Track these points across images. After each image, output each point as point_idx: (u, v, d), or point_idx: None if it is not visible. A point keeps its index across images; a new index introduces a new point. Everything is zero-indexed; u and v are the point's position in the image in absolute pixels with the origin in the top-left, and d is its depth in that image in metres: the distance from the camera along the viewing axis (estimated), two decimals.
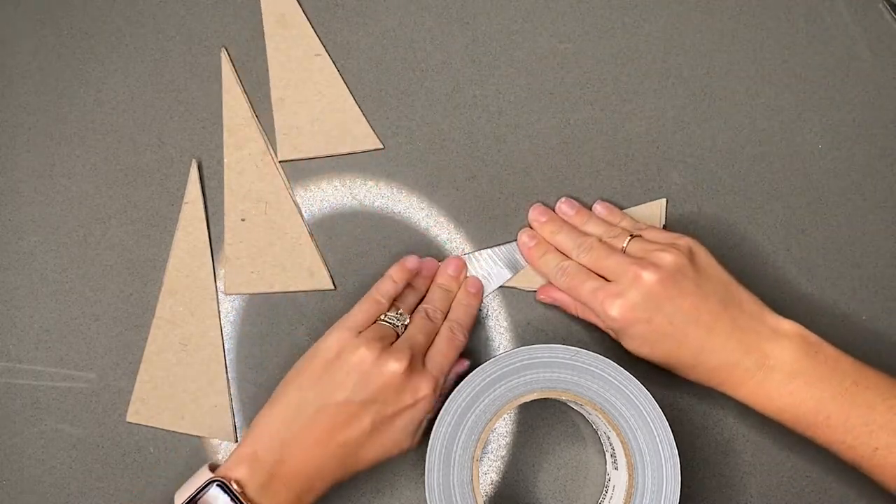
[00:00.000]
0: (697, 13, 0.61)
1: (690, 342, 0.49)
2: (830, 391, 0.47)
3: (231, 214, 0.58)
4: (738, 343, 0.49)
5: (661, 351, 0.50)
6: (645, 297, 0.49)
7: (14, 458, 0.55)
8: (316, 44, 0.60)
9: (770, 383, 0.48)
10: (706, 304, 0.49)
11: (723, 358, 0.49)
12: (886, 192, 0.58)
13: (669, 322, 0.49)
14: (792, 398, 0.48)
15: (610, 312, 0.50)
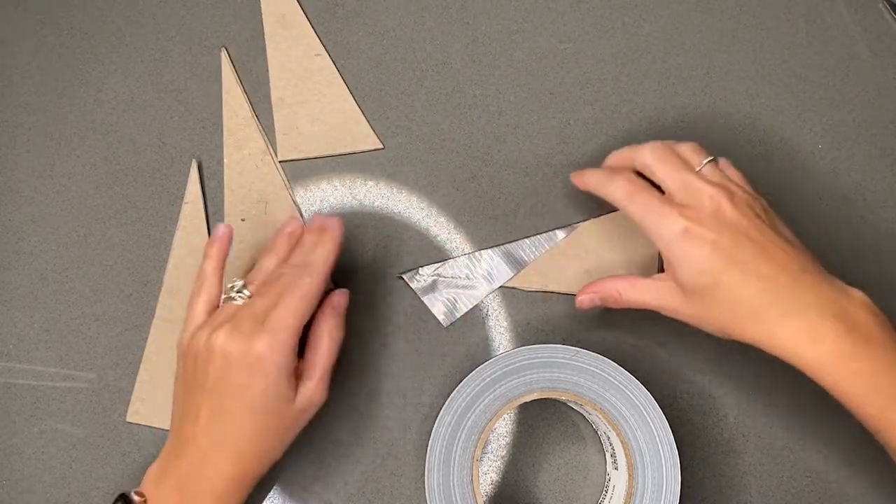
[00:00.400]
0: (697, 13, 0.61)
1: (755, 275, 0.45)
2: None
3: (231, 214, 0.58)
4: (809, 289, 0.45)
5: (726, 284, 0.45)
6: (716, 219, 0.46)
7: (14, 458, 0.55)
8: (316, 44, 0.60)
9: (845, 343, 0.44)
10: (778, 243, 0.46)
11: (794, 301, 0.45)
12: (886, 192, 0.58)
13: (735, 254, 0.45)
14: (867, 364, 0.44)
15: (674, 226, 0.46)
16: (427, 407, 0.55)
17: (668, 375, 0.55)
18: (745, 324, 0.46)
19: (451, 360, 0.56)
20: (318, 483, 0.54)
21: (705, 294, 0.46)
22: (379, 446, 0.55)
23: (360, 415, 0.55)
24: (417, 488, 0.54)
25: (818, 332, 0.44)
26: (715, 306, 0.47)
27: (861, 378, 0.44)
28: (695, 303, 0.47)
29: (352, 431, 0.55)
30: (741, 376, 0.55)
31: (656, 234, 0.47)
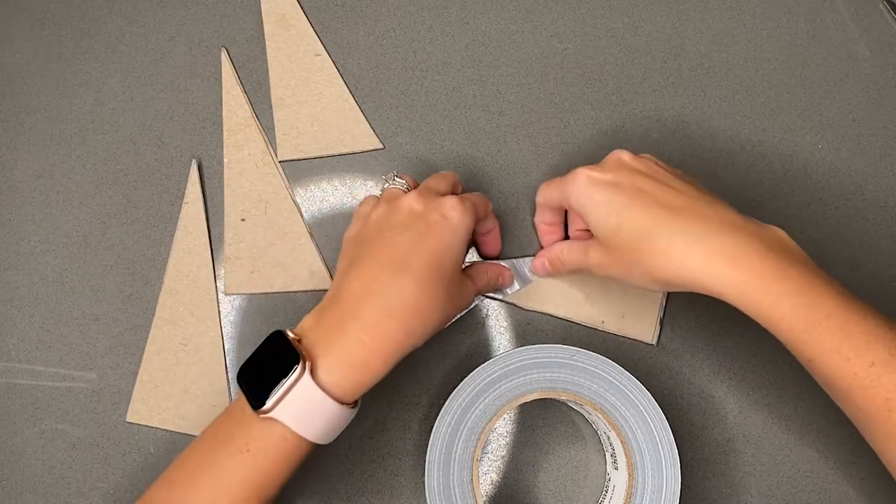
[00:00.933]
0: (697, 13, 0.61)
1: (658, 205, 0.45)
2: (830, 289, 0.42)
3: (231, 214, 0.58)
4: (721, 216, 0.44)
5: (629, 221, 0.45)
6: (617, 165, 0.48)
7: (14, 458, 0.55)
8: (316, 44, 0.60)
9: (766, 262, 0.42)
10: (685, 184, 0.46)
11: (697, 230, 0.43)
12: (886, 192, 0.58)
13: (638, 187, 0.46)
14: (791, 284, 0.42)
15: (575, 174, 0.48)
16: (427, 407, 0.55)
17: (668, 375, 0.55)
18: (658, 259, 0.44)
19: (451, 360, 0.56)
20: (318, 483, 0.54)
21: (617, 238, 0.46)
22: (379, 446, 0.55)
23: (359, 414, 0.55)
24: (417, 488, 0.54)
25: (734, 253, 0.42)
26: (628, 249, 0.45)
27: (787, 299, 0.42)
28: (612, 252, 0.47)
29: (352, 431, 0.55)
30: (741, 376, 0.55)
31: (570, 197, 0.48)
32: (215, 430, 0.46)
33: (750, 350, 0.56)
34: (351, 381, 0.44)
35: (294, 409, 0.43)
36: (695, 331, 0.56)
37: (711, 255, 0.43)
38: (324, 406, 0.43)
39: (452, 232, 0.47)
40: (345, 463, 0.55)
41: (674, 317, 0.56)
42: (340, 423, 0.46)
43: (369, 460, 0.55)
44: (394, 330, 0.45)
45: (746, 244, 0.43)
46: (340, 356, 0.44)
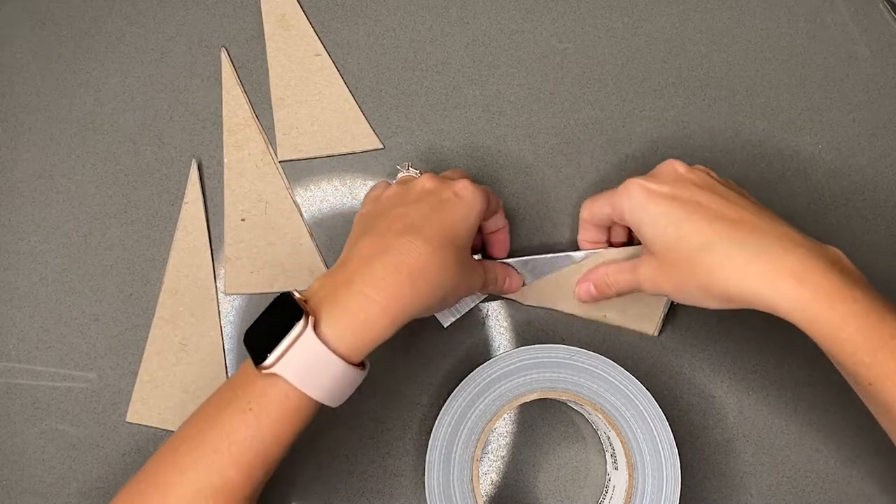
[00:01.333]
0: (697, 13, 0.61)
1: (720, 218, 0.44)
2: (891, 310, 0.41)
3: (231, 214, 0.58)
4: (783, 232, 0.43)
5: (688, 234, 0.44)
6: (673, 177, 0.47)
7: (14, 458, 0.55)
8: (316, 44, 0.60)
9: (832, 281, 0.41)
10: (744, 198, 0.46)
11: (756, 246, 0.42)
12: (886, 192, 0.58)
13: (696, 200, 0.45)
14: (856, 305, 0.40)
15: (628, 186, 0.46)
16: (427, 407, 0.55)
17: (668, 375, 0.55)
18: (718, 275, 0.43)
19: (451, 360, 0.56)
20: (318, 483, 0.54)
21: (674, 252, 0.45)
22: (379, 446, 0.55)
23: (359, 415, 0.55)
24: (417, 488, 0.54)
25: (800, 270, 0.41)
26: (686, 263, 0.44)
27: (853, 320, 0.40)
28: (667, 267, 0.45)
29: (352, 431, 0.55)
30: (741, 376, 0.55)
31: (624, 210, 0.47)
32: (219, 394, 0.45)
33: (750, 350, 0.56)
34: (356, 338, 0.43)
35: (296, 364, 0.42)
36: (695, 331, 0.56)
37: (776, 272, 0.41)
38: (328, 362, 0.42)
39: (465, 208, 0.47)
40: (345, 463, 0.55)
41: (674, 317, 0.56)
42: (347, 384, 0.44)
43: (369, 460, 0.55)
44: (401, 286, 0.43)
45: (812, 262, 0.41)
46: (345, 311, 0.43)
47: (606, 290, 0.52)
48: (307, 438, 0.54)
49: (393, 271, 0.43)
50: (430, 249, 0.44)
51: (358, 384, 0.45)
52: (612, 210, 0.49)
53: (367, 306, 0.43)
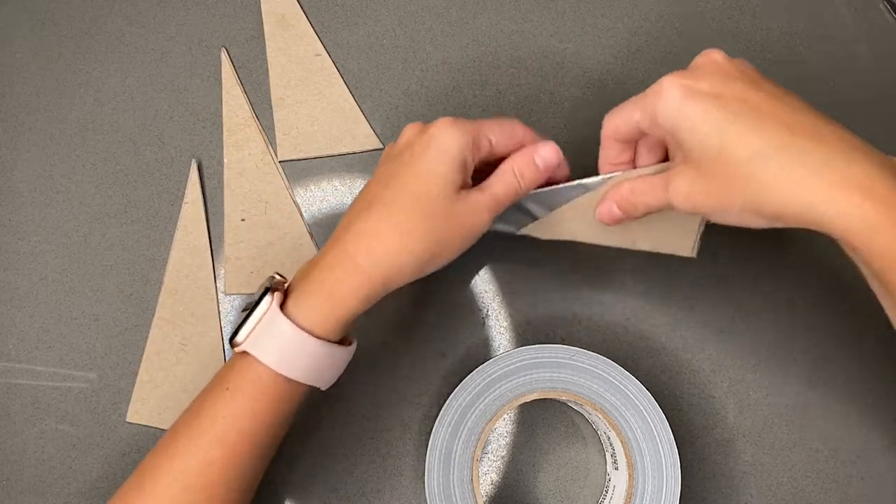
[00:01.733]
0: (697, 13, 0.61)
1: (772, 120, 0.38)
2: None
3: (231, 214, 0.58)
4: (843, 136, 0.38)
5: (734, 141, 0.38)
6: (713, 70, 0.40)
7: (14, 458, 0.55)
8: (316, 44, 0.60)
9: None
10: (795, 97, 0.40)
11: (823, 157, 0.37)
12: None
13: (743, 98, 0.38)
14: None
15: (662, 84, 0.40)
16: (427, 407, 0.55)
17: (668, 375, 0.55)
18: (770, 188, 0.37)
19: (451, 360, 0.56)
20: (318, 483, 0.54)
21: (718, 162, 0.38)
22: (379, 446, 0.55)
23: (359, 415, 0.55)
24: (417, 488, 0.54)
25: (868, 183, 0.36)
26: (733, 176, 0.38)
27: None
28: (709, 180, 0.39)
29: (351, 431, 0.55)
30: (741, 376, 0.55)
31: (658, 114, 0.40)
32: (212, 379, 0.46)
33: (750, 350, 0.56)
34: (321, 313, 0.43)
35: (264, 341, 0.42)
36: (695, 330, 0.56)
37: (838, 184, 0.36)
38: (295, 338, 0.42)
39: (436, 151, 0.44)
40: (345, 463, 0.55)
41: (674, 316, 0.56)
42: (324, 362, 0.44)
43: (369, 460, 0.55)
44: (359, 260, 0.43)
45: (879, 173, 0.36)
46: (309, 287, 0.43)
47: (632, 211, 0.45)
48: (306, 438, 0.54)
49: (353, 247, 0.43)
50: (385, 219, 0.43)
51: (342, 362, 0.45)
52: (642, 115, 0.42)
53: (330, 283, 0.43)
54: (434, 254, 0.45)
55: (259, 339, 0.43)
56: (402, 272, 0.44)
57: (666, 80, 0.40)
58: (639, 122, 0.42)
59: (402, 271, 0.44)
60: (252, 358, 0.43)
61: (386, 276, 0.44)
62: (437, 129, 0.45)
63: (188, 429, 0.44)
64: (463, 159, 0.45)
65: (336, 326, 0.43)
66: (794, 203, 0.37)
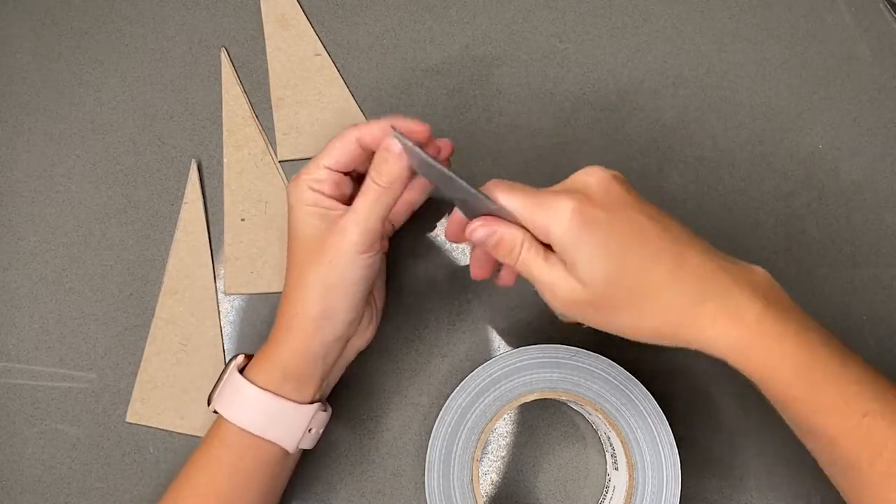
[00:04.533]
0: (697, 13, 0.61)
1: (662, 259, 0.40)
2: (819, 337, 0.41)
3: (231, 214, 0.58)
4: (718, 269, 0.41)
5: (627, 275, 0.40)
6: (607, 193, 0.41)
7: (14, 458, 0.55)
8: (316, 44, 0.60)
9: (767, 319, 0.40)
10: (676, 223, 0.42)
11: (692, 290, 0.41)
12: (886, 192, 0.58)
13: (634, 222, 0.41)
14: (789, 342, 0.40)
15: (563, 209, 0.40)
16: (427, 407, 0.55)
17: (668, 375, 0.55)
18: (654, 318, 0.41)
19: (451, 360, 0.56)
20: (318, 483, 0.54)
21: (608, 288, 0.40)
22: (379, 446, 0.55)
23: (359, 415, 0.55)
24: (417, 488, 0.54)
25: (740, 315, 0.40)
26: (619, 301, 0.41)
27: (789, 360, 0.41)
28: (594, 299, 0.41)
29: (352, 431, 0.55)
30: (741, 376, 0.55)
31: (551, 232, 0.40)
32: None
33: None
34: (271, 372, 0.47)
35: (225, 400, 0.48)
36: None
37: (719, 316, 0.41)
38: (251, 395, 0.47)
39: (291, 217, 0.47)
40: (345, 463, 0.55)
41: None
42: (282, 416, 0.47)
43: (369, 460, 0.55)
44: (283, 322, 0.48)
45: (748, 302, 0.41)
46: (270, 351, 0.48)
47: (507, 259, 0.42)
48: None
49: (280, 312, 0.48)
50: (291, 281, 0.47)
51: (301, 422, 0.48)
52: (535, 226, 0.41)
53: (281, 348, 0.48)
54: (336, 293, 0.46)
55: (222, 398, 0.48)
56: (326, 327, 0.47)
57: (564, 202, 0.40)
58: (530, 225, 0.41)
59: (324, 326, 0.47)
60: (222, 418, 0.48)
61: (329, 340, 0.47)
62: (287, 196, 0.48)
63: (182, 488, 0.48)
64: (308, 208, 0.46)
65: (286, 384, 0.47)
66: (675, 331, 0.41)
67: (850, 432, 0.41)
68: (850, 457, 0.42)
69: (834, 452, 0.43)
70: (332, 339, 0.47)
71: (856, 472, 0.42)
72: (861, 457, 0.41)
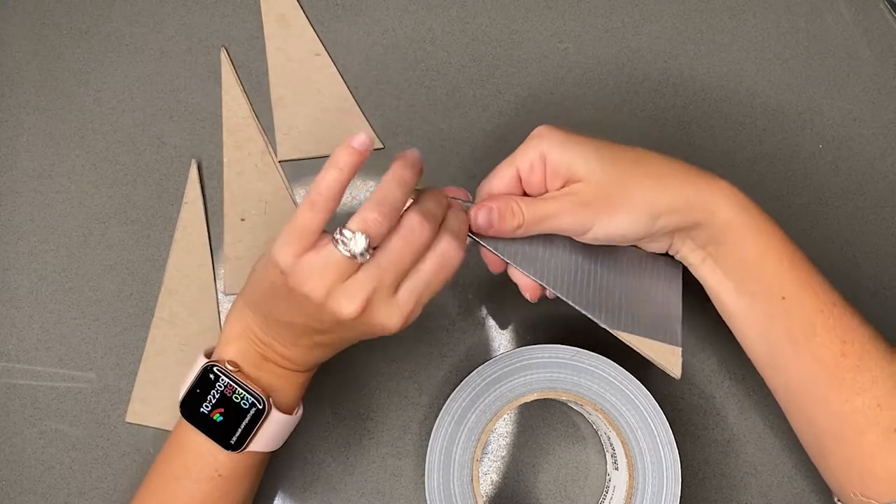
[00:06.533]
0: (697, 13, 0.61)
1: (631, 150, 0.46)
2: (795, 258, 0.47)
3: (231, 214, 0.58)
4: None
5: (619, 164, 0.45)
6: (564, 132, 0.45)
7: (14, 458, 0.55)
8: (316, 44, 0.60)
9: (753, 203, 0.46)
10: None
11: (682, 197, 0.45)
12: (886, 192, 0.58)
13: (608, 143, 0.45)
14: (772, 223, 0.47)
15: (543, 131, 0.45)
16: (427, 407, 0.55)
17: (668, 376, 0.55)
18: (672, 190, 0.45)
19: (451, 360, 0.56)
20: (318, 483, 0.54)
21: (613, 180, 0.44)
22: (379, 446, 0.55)
23: (360, 415, 0.55)
24: (417, 488, 0.54)
25: (739, 196, 0.46)
26: (627, 189, 0.44)
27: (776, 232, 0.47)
28: (600, 195, 0.44)
29: (352, 431, 0.55)
30: (741, 376, 0.55)
31: (547, 152, 0.44)
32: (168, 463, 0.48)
33: None
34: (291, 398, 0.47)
35: (264, 438, 0.46)
36: (696, 330, 0.56)
37: (728, 193, 0.46)
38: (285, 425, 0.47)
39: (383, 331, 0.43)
40: (345, 463, 0.55)
41: None
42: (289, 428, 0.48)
43: (369, 460, 0.55)
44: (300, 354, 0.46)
45: (738, 192, 0.46)
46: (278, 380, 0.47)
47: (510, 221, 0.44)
48: (306, 438, 0.54)
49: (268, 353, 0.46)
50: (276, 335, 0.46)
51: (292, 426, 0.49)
52: (536, 154, 0.44)
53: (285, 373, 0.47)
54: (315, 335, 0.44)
55: (261, 438, 0.46)
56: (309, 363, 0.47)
57: (543, 127, 0.45)
58: (529, 163, 0.44)
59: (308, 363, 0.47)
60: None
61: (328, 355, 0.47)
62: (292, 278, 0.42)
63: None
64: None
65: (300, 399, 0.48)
66: (690, 197, 0.45)
67: (824, 321, 0.45)
68: (820, 354, 0.44)
69: (804, 351, 0.45)
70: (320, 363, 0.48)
71: (820, 375, 0.45)
72: (826, 356, 0.44)
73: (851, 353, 0.44)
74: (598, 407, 0.50)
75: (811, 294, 0.45)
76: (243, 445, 0.45)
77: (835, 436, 0.45)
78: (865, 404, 0.44)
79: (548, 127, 0.45)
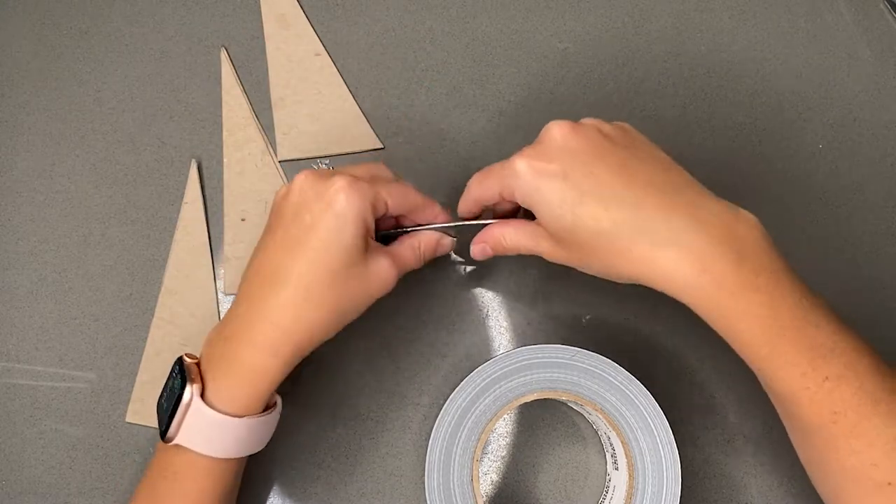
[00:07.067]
0: (697, 13, 0.61)
1: (615, 202, 0.41)
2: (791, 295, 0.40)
3: (231, 214, 0.58)
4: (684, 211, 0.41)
5: (584, 219, 0.41)
6: (560, 148, 0.43)
7: (14, 458, 0.55)
8: (316, 44, 0.60)
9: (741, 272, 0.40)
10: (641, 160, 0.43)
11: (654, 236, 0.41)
12: (886, 192, 0.58)
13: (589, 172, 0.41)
14: (758, 297, 0.40)
15: (516, 166, 0.43)
16: (427, 407, 0.55)
17: (668, 375, 0.55)
18: (619, 259, 0.41)
19: (451, 360, 0.56)
20: (318, 483, 0.54)
21: (573, 236, 0.42)
22: (379, 446, 0.55)
23: (359, 415, 0.55)
24: (417, 488, 0.54)
25: (707, 259, 0.40)
26: (584, 247, 0.42)
27: (754, 310, 0.40)
28: (565, 247, 0.44)
29: (352, 431, 0.55)
30: (741, 376, 0.55)
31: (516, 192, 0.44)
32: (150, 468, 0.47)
33: None
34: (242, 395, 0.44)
35: (193, 432, 0.44)
36: (696, 330, 0.56)
37: (680, 260, 0.40)
38: (223, 424, 0.44)
39: (340, 220, 0.44)
40: (345, 463, 0.55)
41: (675, 317, 0.56)
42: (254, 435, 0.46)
43: (369, 460, 0.55)
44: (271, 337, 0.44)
45: (719, 248, 0.40)
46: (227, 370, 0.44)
47: (502, 252, 0.48)
48: (307, 438, 0.54)
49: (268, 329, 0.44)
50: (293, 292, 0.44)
51: (271, 427, 0.47)
52: (504, 190, 0.45)
53: (251, 364, 0.44)
54: (345, 317, 0.46)
55: (188, 431, 0.44)
56: (313, 342, 0.45)
57: (518, 162, 0.43)
58: (498, 193, 0.46)
59: (312, 342, 0.45)
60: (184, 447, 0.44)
61: (298, 348, 0.45)
62: (336, 194, 0.44)
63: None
64: (365, 225, 0.45)
65: (257, 402, 0.45)
66: (640, 271, 0.41)
67: (811, 397, 0.40)
68: (808, 420, 0.41)
69: (792, 415, 0.43)
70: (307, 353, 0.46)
71: (810, 434, 0.42)
72: (816, 421, 0.41)
73: (843, 422, 0.40)
74: (598, 407, 0.50)
75: (795, 373, 0.41)
76: (167, 435, 0.44)
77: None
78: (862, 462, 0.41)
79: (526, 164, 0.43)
